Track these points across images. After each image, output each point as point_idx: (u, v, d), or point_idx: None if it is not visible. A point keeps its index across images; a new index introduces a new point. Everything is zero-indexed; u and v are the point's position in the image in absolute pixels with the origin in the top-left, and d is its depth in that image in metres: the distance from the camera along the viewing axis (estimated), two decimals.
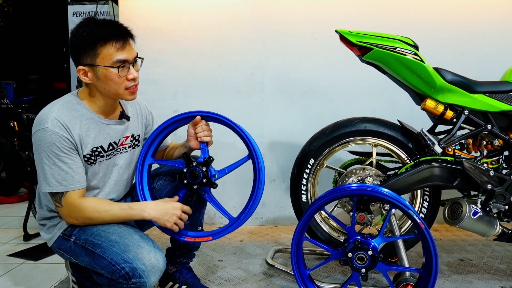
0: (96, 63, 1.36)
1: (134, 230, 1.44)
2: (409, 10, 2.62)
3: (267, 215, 2.82)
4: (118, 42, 1.37)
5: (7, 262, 2.22)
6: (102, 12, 4.44)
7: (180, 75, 2.74)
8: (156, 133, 1.58)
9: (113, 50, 1.36)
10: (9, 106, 4.15)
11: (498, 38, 2.60)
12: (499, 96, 1.71)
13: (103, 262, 1.36)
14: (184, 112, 1.56)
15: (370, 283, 1.84)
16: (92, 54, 1.36)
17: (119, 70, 1.37)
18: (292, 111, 2.73)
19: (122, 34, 1.39)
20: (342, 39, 1.74)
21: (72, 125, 1.38)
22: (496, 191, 1.67)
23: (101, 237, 1.39)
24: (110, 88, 1.40)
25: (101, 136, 1.47)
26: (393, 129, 1.84)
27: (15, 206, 3.63)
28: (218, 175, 1.54)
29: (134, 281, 1.31)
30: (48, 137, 1.33)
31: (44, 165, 1.35)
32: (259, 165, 1.50)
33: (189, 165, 1.52)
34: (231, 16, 2.71)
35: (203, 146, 1.56)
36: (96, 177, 1.48)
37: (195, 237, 1.56)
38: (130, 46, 1.41)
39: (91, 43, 1.35)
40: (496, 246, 2.31)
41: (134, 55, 1.43)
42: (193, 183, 1.51)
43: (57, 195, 1.38)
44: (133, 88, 1.44)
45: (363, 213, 1.75)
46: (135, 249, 1.34)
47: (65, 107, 1.40)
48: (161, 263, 1.37)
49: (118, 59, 1.36)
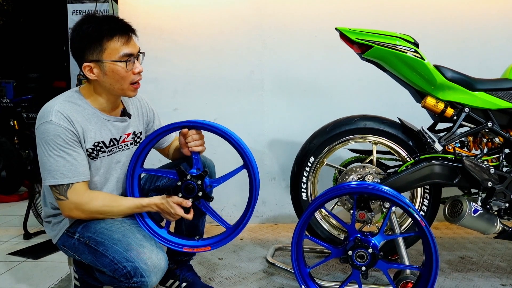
0: (102, 58, 1.37)
1: (138, 229, 1.44)
2: (409, 7, 2.62)
3: (267, 213, 2.82)
4: (123, 37, 1.38)
5: (7, 261, 2.22)
6: (101, 10, 4.43)
7: (180, 73, 2.74)
8: (144, 144, 1.53)
9: (119, 44, 1.37)
10: (9, 104, 4.16)
11: (498, 35, 2.60)
12: (500, 93, 1.71)
13: (105, 260, 1.36)
14: (173, 123, 1.50)
15: (371, 281, 1.84)
16: (98, 49, 1.36)
17: (126, 64, 1.39)
18: (292, 109, 2.73)
19: (126, 29, 1.40)
20: (342, 37, 1.73)
21: (75, 118, 1.38)
22: (497, 188, 1.67)
23: (104, 235, 1.38)
24: (116, 83, 1.41)
25: (103, 131, 1.47)
26: (393, 127, 1.84)
27: (15, 204, 3.63)
28: (213, 185, 1.51)
29: (136, 280, 1.31)
30: (52, 130, 1.34)
31: (49, 158, 1.35)
32: (254, 175, 1.48)
33: (182, 178, 1.47)
34: (231, 14, 2.70)
35: (195, 156, 1.51)
36: (98, 172, 1.48)
37: (194, 247, 1.54)
38: (133, 41, 1.43)
39: (97, 39, 1.35)
40: (496, 244, 2.31)
41: (138, 49, 1.44)
42: (188, 196, 1.47)
43: (62, 188, 1.37)
44: (136, 84, 1.45)
45: (364, 211, 1.74)
46: (137, 248, 1.34)
47: (67, 101, 1.41)
48: (163, 263, 1.37)
49: (124, 53, 1.38)
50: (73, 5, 4.71)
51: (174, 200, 1.45)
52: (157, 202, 1.46)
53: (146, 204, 1.46)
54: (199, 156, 1.52)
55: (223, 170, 1.61)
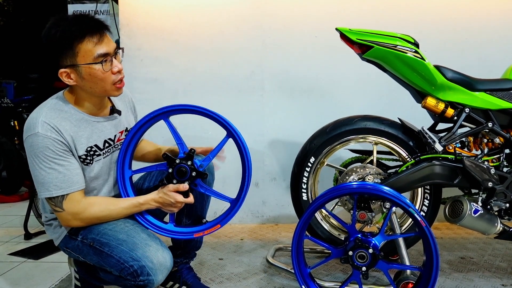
0: (77, 62, 1.31)
1: (141, 228, 1.44)
2: (410, 7, 2.62)
3: (268, 213, 2.82)
4: (95, 36, 1.31)
5: (8, 261, 2.22)
6: (102, 11, 4.44)
7: (180, 73, 2.74)
8: (125, 147, 1.50)
9: (91, 45, 1.30)
10: (10, 105, 4.16)
11: (499, 35, 2.60)
12: (500, 94, 1.71)
13: (111, 260, 1.36)
14: (149, 114, 1.47)
15: (371, 281, 1.84)
16: (70, 53, 1.30)
17: (102, 65, 1.33)
18: (292, 109, 2.73)
19: (97, 27, 1.33)
20: (343, 37, 1.73)
21: (63, 126, 1.34)
22: (497, 189, 1.67)
23: (108, 236, 1.38)
24: (96, 86, 1.36)
25: (95, 135, 1.44)
26: (393, 127, 1.84)
27: (16, 205, 3.63)
28: (204, 164, 1.49)
29: (142, 278, 1.32)
30: (40, 142, 1.30)
31: (40, 171, 1.32)
32: (240, 140, 1.46)
33: (172, 164, 1.46)
34: (231, 14, 2.70)
35: (179, 141, 1.50)
36: (96, 176, 1.47)
37: (203, 231, 1.53)
38: (108, 38, 1.35)
39: (67, 43, 1.29)
40: (497, 244, 2.31)
41: (114, 47, 1.37)
42: (183, 180, 1.46)
43: (57, 199, 1.34)
44: (119, 83, 1.40)
45: (364, 212, 1.74)
46: (143, 248, 1.34)
47: (52, 109, 1.36)
48: (169, 261, 1.38)
49: (99, 54, 1.32)
50: (74, 5, 4.71)
51: (170, 188, 1.43)
52: (154, 197, 1.44)
53: (143, 201, 1.45)
54: (182, 140, 1.50)
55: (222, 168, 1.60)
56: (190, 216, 1.68)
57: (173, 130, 1.50)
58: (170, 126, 1.50)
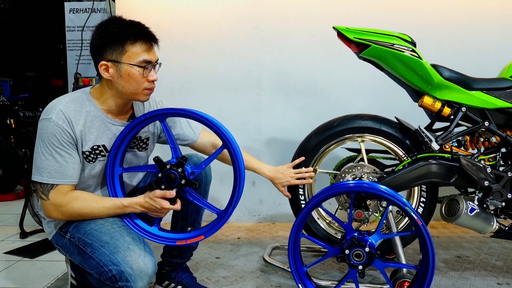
0: (121, 60, 1.37)
1: (127, 231, 1.40)
2: (407, 6, 2.62)
3: (265, 212, 2.82)
4: (146, 43, 1.40)
5: (3, 260, 2.21)
6: (98, 8, 4.42)
7: (177, 72, 2.74)
8: (118, 144, 1.46)
9: (141, 50, 1.39)
10: (6, 103, 4.13)
11: (495, 35, 2.60)
12: (497, 93, 1.71)
13: (92, 262, 1.33)
14: (147, 113, 1.46)
15: (367, 280, 1.85)
16: (119, 50, 1.37)
17: (143, 70, 1.39)
18: (289, 108, 2.73)
19: (150, 37, 1.42)
20: (340, 36, 1.73)
21: (77, 120, 1.37)
22: (493, 188, 1.68)
23: (93, 236, 1.35)
24: (130, 86, 1.40)
25: (105, 136, 1.45)
26: (390, 126, 1.84)
27: (12, 203, 3.62)
28: (195, 171, 1.46)
29: (121, 284, 1.28)
30: (50, 128, 1.34)
31: (40, 155, 1.35)
32: (236, 153, 1.42)
33: (162, 169, 1.43)
34: (228, 12, 2.70)
35: (173, 145, 1.47)
36: (94, 175, 1.47)
37: (186, 239, 1.49)
38: (154, 50, 1.45)
39: (121, 40, 1.37)
40: (493, 243, 2.32)
41: (157, 59, 1.45)
42: (171, 186, 1.42)
43: (46, 186, 1.35)
44: (150, 90, 1.46)
45: (361, 210, 1.74)
46: (124, 252, 1.30)
47: (73, 101, 1.40)
48: (150, 268, 1.32)
49: (144, 59, 1.39)
50: (70, 3, 4.69)
51: (157, 194, 1.40)
52: (140, 201, 1.42)
53: (127, 204, 1.42)
54: (176, 145, 1.48)
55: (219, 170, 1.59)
56: (184, 219, 1.67)
57: (168, 133, 1.48)
58: (165, 129, 1.48)
